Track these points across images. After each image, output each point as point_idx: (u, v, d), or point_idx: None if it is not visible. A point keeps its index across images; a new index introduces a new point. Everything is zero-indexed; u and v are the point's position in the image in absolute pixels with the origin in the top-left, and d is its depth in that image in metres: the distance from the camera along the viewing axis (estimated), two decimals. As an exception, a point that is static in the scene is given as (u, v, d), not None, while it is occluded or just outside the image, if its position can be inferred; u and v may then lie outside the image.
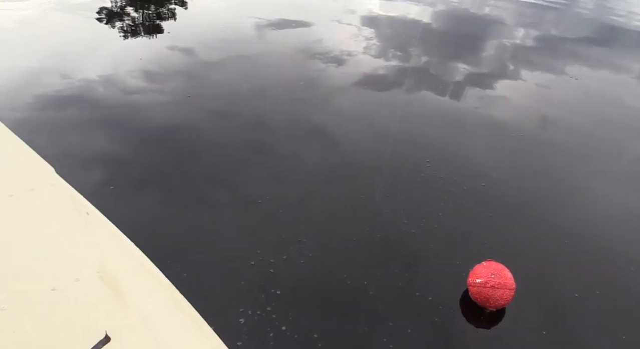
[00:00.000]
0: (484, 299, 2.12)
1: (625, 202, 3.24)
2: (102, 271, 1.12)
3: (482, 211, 2.95)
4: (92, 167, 3.04)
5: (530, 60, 6.24)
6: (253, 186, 2.97)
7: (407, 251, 2.55)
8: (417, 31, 6.92)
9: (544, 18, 8.90)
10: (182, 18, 6.52)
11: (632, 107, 5.03)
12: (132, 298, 1.08)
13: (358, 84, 4.76)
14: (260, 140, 3.53)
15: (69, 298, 1.04)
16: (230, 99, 4.16)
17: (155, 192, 2.85)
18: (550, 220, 2.95)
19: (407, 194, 3.05)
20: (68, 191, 1.40)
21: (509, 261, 2.31)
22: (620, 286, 2.48)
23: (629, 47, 7.65)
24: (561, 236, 2.81)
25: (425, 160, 3.40)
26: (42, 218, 1.27)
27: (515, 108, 4.67)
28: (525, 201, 3.12)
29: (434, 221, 2.80)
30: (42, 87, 4.01)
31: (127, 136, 3.43)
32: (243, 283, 2.24)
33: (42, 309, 1.00)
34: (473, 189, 3.15)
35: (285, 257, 2.42)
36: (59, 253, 1.16)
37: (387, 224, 2.75)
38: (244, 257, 2.40)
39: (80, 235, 1.22)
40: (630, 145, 4.12)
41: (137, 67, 4.60)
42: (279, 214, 2.74)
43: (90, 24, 5.91)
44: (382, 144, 3.60)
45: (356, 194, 2.99)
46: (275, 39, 5.91)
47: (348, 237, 2.63)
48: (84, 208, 1.35)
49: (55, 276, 1.08)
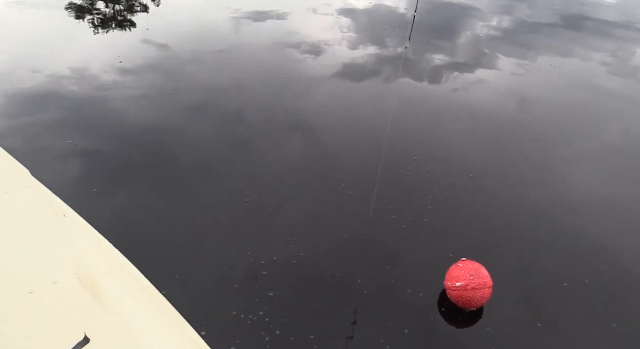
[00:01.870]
0: (465, 302, 2.13)
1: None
2: (80, 272, 1.13)
3: (470, 203, 3.00)
4: (66, 166, 3.00)
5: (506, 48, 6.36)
6: (239, 183, 2.97)
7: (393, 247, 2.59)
8: (396, 21, 6.97)
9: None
10: (154, 12, 6.42)
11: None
12: (110, 298, 1.09)
13: (341, 76, 4.79)
14: (252, 134, 3.52)
15: (47, 301, 1.04)
16: (213, 93, 4.14)
17: (137, 191, 2.83)
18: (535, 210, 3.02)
19: (395, 187, 3.07)
20: (44, 193, 1.40)
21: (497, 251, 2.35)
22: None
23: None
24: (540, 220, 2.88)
25: (412, 153, 3.43)
26: (18, 221, 1.26)
27: (496, 95, 4.77)
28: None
29: (424, 214, 2.84)
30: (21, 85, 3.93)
31: (101, 133, 3.38)
32: (236, 285, 2.23)
33: (20, 312, 1.00)
34: (461, 180, 3.20)
35: (275, 258, 2.42)
36: (36, 256, 1.16)
37: (377, 221, 2.76)
38: (233, 257, 2.40)
39: (57, 237, 1.22)
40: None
41: (115, 65, 4.53)
42: (267, 212, 2.73)
43: (59, 19, 5.77)
44: (368, 136, 3.63)
45: (343, 189, 3.00)
46: (252, 31, 5.88)
47: (339, 235, 2.64)
48: (61, 210, 1.35)
49: (32, 279, 1.08)
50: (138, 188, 2.88)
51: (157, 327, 1.06)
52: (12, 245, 1.18)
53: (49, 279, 1.09)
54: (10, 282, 1.07)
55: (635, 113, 4.74)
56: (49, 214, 1.29)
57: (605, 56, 6.52)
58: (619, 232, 2.91)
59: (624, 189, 3.39)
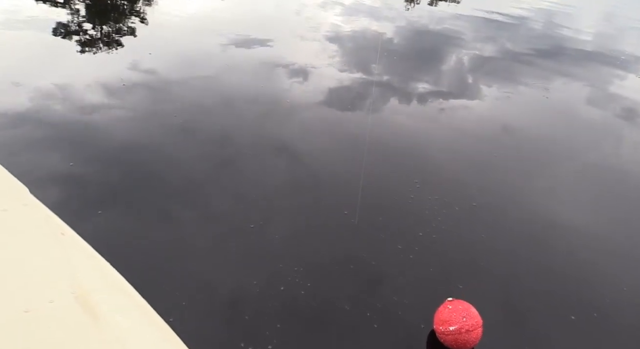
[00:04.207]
0: (460, 345, 2.08)
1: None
2: (76, 291, 1.13)
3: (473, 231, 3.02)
4: (63, 185, 3.00)
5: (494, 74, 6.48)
6: (238, 207, 2.99)
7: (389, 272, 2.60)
8: (384, 48, 7.12)
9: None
10: (145, 37, 6.51)
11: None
12: (107, 317, 1.09)
13: (330, 101, 4.86)
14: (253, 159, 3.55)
15: (43, 319, 1.04)
16: (214, 118, 4.19)
17: (133, 212, 2.83)
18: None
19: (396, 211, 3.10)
20: (42, 211, 1.40)
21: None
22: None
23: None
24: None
25: (414, 180, 3.48)
26: (16, 239, 1.27)
27: (491, 122, 4.85)
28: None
29: (425, 241, 2.86)
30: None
31: (94, 154, 3.40)
32: (230, 311, 2.23)
33: (15, 331, 1.00)
34: (462, 209, 3.24)
35: (269, 281, 2.42)
36: (33, 274, 1.16)
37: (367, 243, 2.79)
38: (229, 281, 2.40)
39: (54, 255, 1.22)
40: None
41: (118, 88, 4.57)
42: (270, 238, 2.75)
43: (47, 40, 5.82)
44: (358, 161, 3.68)
45: (338, 213, 3.03)
46: (240, 56, 5.98)
47: (333, 258, 2.65)
48: (59, 228, 1.35)
49: (29, 297, 1.08)
50: (132, 208, 2.89)
51: (154, 346, 1.06)
52: (9, 262, 1.18)
53: (45, 297, 1.08)
54: (6, 300, 1.07)
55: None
56: (46, 232, 1.29)
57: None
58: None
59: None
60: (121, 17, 7.04)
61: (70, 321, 1.05)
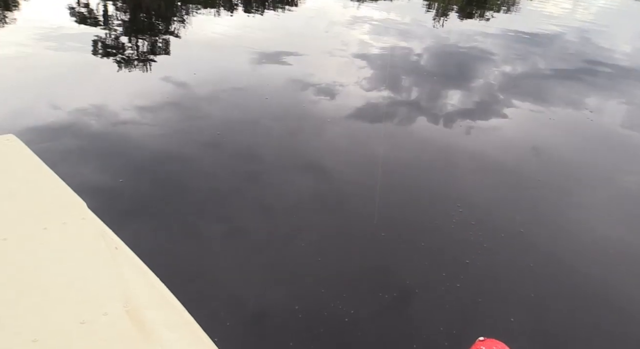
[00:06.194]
0: None
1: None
2: (128, 305, 1.16)
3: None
4: (112, 198, 3.14)
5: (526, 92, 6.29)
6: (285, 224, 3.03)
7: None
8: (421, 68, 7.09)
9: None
10: (180, 52, 6.78)
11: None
12: (156, 332, 1.11)
13: (357, 117, 4.87)
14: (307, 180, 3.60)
15: (97, 332, 1.07)
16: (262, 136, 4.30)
17: (184, 227, 2.92)
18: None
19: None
20: (98, 226, 1.46)
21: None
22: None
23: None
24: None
25: (457, 204, 3.40)
26: (73, 252, 1.32)
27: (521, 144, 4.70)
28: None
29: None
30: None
31: (157, 170, 3.56)
32: (248, 320, 2.24)
33: (71, 341, 1.03)
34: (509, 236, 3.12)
35: (310, 300, 2.41)
36: (88, 287, 1.20)
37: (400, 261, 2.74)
38: (273, 298, 2.42)
39: (108, 270, 1.27)
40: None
41: (161, 101, 4.79)
42: (320, 255, 2.76)
43: (82, 56, 6.13)
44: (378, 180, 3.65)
45: (364, 231, 3.00)
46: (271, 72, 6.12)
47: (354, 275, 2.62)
48: (113, 243, 1.40)
49: (84, 309, 1.12)
50: (184, 225, 2.97)
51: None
52: (66, 275, 1.23)
53: (99, 310, 1.12)
54: (64, 311, 1.11)
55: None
56: (102, 246, 1.35)
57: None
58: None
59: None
60: (162, 36, 7.45)
61: (122, 334, 1.08)
